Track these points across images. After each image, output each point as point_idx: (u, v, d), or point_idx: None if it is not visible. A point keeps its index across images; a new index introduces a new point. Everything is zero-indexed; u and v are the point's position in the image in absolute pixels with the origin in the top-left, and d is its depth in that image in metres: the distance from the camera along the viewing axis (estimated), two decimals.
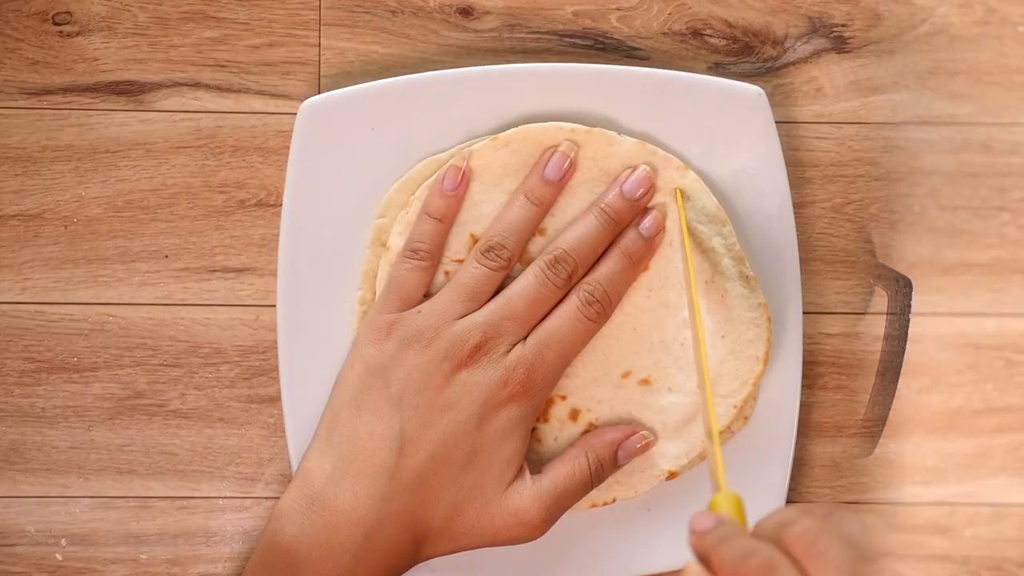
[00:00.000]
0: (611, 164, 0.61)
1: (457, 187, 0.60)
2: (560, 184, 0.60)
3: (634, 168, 0.60)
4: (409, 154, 0.61)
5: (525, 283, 0.58)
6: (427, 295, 0.60)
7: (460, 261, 0.60)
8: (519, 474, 0.58)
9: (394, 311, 0.59)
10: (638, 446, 0.60)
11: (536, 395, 0.58)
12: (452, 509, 0.57)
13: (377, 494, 0.56)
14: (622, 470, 0.60)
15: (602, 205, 0.59)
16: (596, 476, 0.59)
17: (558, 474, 0.58)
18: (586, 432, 0.61)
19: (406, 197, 0.61)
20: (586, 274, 0.59)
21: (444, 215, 0.60)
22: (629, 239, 0.60)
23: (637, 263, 0.60)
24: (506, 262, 0.59)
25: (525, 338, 0.58)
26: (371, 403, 0.57)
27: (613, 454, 0.59)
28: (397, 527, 0.56)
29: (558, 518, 0.58)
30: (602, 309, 0.59)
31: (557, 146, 0.60)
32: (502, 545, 0.58)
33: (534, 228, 0.60)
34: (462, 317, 0.58)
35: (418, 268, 0.59)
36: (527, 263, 0.60)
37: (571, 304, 0.58)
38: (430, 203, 0.60)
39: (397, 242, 0.60)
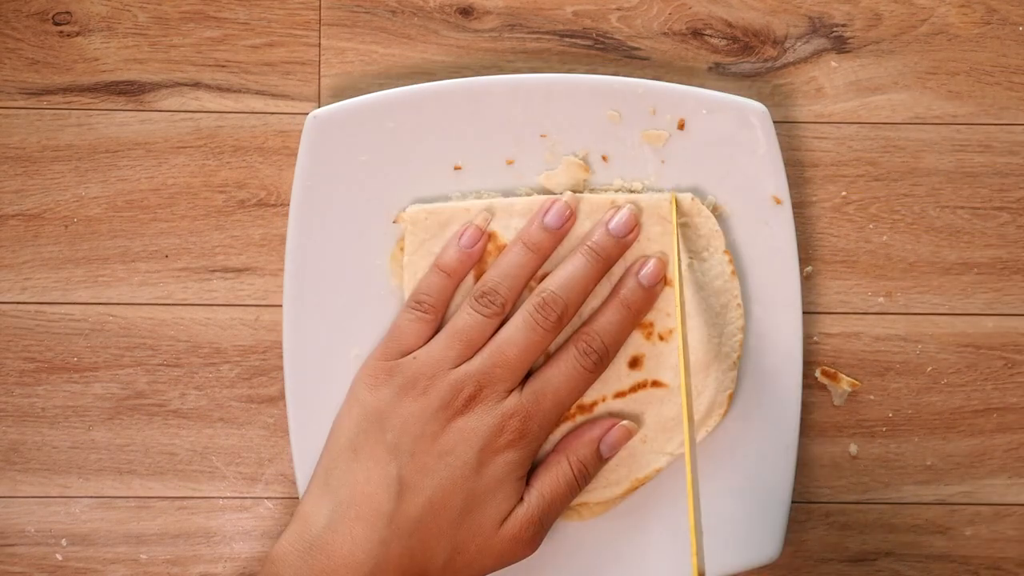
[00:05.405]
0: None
1: (474, 246, 0.60)
2: (559, 233, 0.60)
3: (619, 207, 0.60)
4: (418, 163, 0.61)
5: (514, 329, 0.58)
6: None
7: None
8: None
9: (392, 359, 0.59)
10: (618, 437, 0.60)
11: (532, 441, 0.58)
12: (452, 551, 0.57)
13: (375, 539, 0.56)
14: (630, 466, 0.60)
15: (589, 243, 0.59)
16: (581, 478, 0.59)
17: (544, 485, 0.58)
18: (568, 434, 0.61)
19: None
20: (585, 320, 0.59)
21: (455, 271, 0.60)
22: (628, 289, 0.60)
23: (636, 314, 0.60)
24: (500, 308, 0.59)
25: (523, 383, 0.58)
26: (368, 448, 0.57)
27: (595, 451, 0.59)
28: (395, 572, 0.56)
29: (550, 527, 0.58)
30: (600, 360, 0.59)
31: (560, 195, 0.60)
32: (500, 568, 0.58)
33: (530, 275, 0.60)
34: (456, 365, 0.58)
35: (420, 320, 0.59)
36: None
37: (569, 354, 0.59)
38: (443, 256, 0.60)
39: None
